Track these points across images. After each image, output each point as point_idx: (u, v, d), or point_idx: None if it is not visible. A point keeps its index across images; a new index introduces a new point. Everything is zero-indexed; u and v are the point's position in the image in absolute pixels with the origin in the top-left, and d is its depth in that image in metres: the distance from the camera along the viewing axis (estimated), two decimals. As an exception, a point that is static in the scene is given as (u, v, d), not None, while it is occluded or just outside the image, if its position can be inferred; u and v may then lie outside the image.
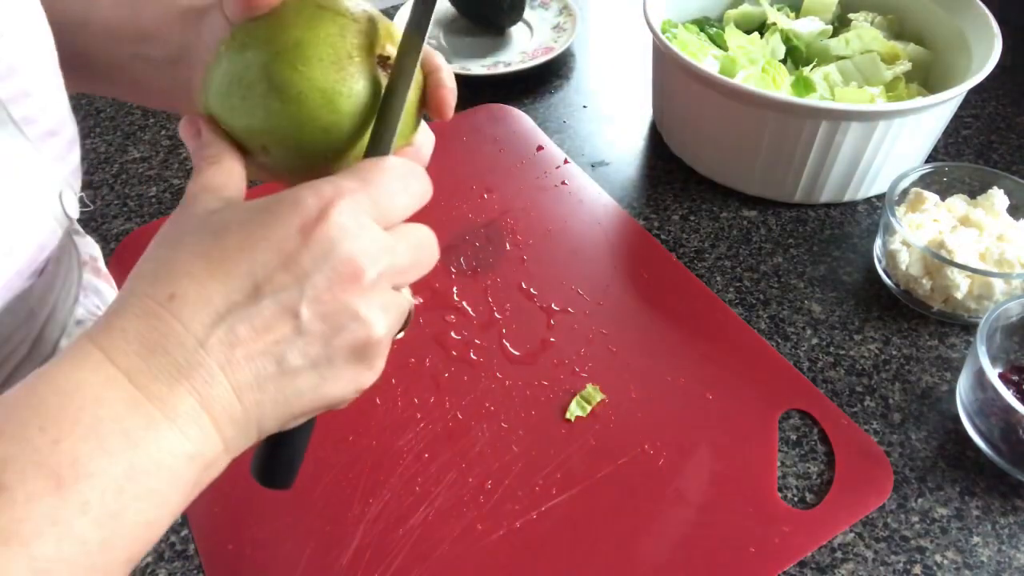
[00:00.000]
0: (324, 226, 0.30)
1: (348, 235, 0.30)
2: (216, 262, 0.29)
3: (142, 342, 0.28)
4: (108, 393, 0.27)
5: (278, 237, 0.30)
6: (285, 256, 0.30)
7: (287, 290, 0.30)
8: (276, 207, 0.30)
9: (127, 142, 0.84)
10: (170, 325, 0.28)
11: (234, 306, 0.29)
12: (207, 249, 0.30)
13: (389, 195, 0.32)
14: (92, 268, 0.51)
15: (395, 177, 0.33)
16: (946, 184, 0.70)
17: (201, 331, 0.29)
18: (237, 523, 0.52)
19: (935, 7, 0.80)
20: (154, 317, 0.29)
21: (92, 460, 0.26)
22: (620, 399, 0.59)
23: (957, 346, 0.64)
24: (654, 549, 0.50)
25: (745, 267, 0.70)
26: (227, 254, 0.30)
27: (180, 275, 0.29)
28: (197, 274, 0.29)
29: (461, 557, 0.50)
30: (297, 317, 0.30)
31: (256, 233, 0.30)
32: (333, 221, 0.30)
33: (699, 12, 0.87)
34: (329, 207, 0.30)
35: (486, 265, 0.69)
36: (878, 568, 0.51)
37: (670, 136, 0.82)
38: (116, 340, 0.28)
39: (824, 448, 0.56)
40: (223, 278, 0.29)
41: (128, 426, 0.27)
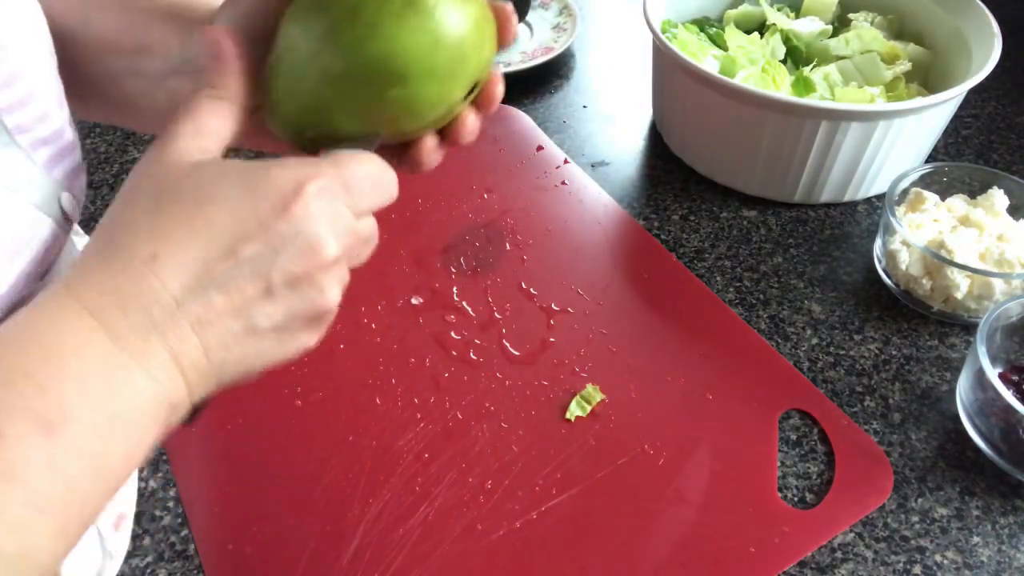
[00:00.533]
0: (300, 204, 0.32)
1: (320, 215, 0.33)
2: (200, 228, 0.31)
3: (120, 296, 0.30)
4: (88, 345, 0.29)
5: (259, 210, 0.32)
6: (263, 228, 0.32)
7: (261, 258, 0.32)
8: (259, 182, 0.32)
9: (127, 142, 0.84)
10: (149, 283, 0.30)
11: (211, 270, 0.31)
12: (191, 214, 0.32)
13: (360, 189, 0.35)
14: None
15: (369, 174, 0.35)
16: (946, 184, 0.70)
17: (179, 292, 0.31)
18: (237, 523, 0.52)
19: (935, 7, 0.80)
20: (135, 274, 0.30)
21: (77, 406, 0.28)
22: (620, 399, 0.59)
23: (957, 346, 0.64)
24: (654, 549, 0.51)
25: (745, 267, 0.70)
26: (210, 220, 0.31)
27: (162, 236, 0.31)
28: (179, 237, 0.31)
29: (461, 557, 0.50)
30: (268, 283, 0.32)
31: (240, 202, 0.32)
32: (309, 200, 0.32)
33: (699, 12, 0.87)
34: (305, 186, 0.32)
35: (486, 265, 0.69)
36: (878, 568, 0.51)
37: (670, 136, 0.82)
38: (94, 293, 0.30)
39: (824, 448, 0.56)
40: (204, 243, 0.31)
41: (108, 375, 0.29)
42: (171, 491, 0.54)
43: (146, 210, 0.32)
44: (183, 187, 0.32)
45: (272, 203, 0.32)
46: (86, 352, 0.29)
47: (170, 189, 0.32)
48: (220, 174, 0.33)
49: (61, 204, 0.40)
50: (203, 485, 0.54)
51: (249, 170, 0.33)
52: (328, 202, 0.33)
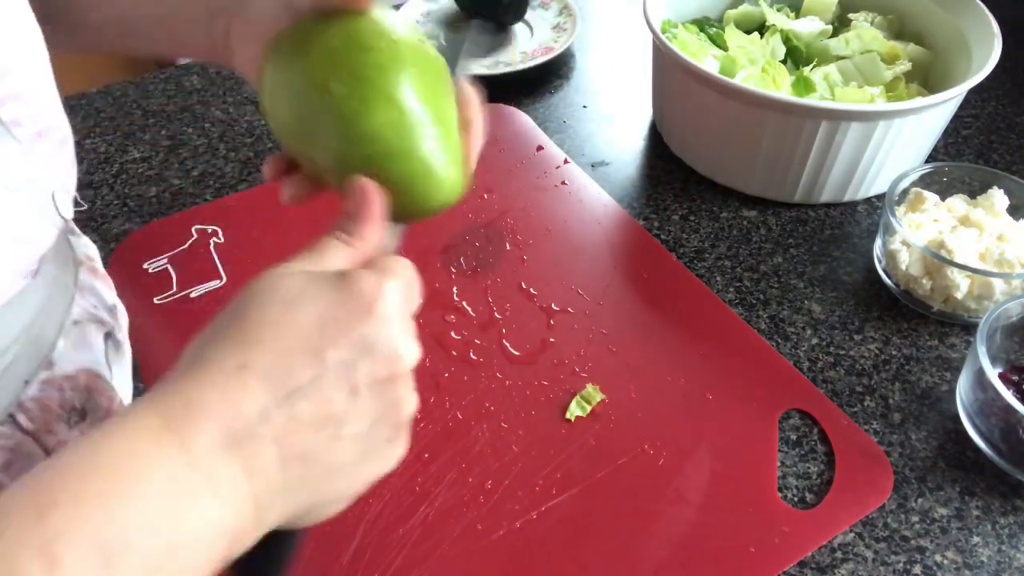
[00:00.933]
0: (383, 311, 0.32)
1: (400, 320, 0.33)
2: (285, 333, 0.31)
3: (201, 407, 0.29)
4: (161, 465, 0.28)
5: (346, 313, 0.32)
6: (351, 332, 0.31)
7: (349, 362, 0.31)
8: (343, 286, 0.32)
9: (127, 142, 0.84)
10: (237, 394, 0.29)
11: (299, 377, 0.30)
12: (277, 319, 0.31)
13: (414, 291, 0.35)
14: (89, 268, 0.51)
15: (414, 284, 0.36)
16: (946, 184, 0.70)
17: (265, 401, 0.29)
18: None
19: (935, 7, 0.80)
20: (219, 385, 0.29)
21: (141, 536, 0.27)
22: (620, 399, 0.59)
23: (957, 346, 0.64)
24: (654, 549, 0.51)
25: (745, 267, 0.70)
26: (298, 326, 0.31)
27: (251, 343, 0.30)
28: (267, 345, 0.30)
29: (461, 557, 0.50)
30: (354, 388, 0.31)
31: (327, 309, 0.31)
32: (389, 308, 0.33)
33: (699, 12, 0.87)
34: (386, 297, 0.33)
35: (486, 265, 0.69)
36: (878, 568, 0.51)
37: (670, 136, 0.82)
38: (177, 407, 0.29)
39: (824, 448, 0.56)
40: (291, 350, 0.30)
41: (176, 501, 0.28)
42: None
43: (235, 321, 0.31)
44: (269, 295, 0.32)
45: (357, 310, 0.32)
46: (157, 474, 0.28)
47: (256, 297, 0.32)
48: (306, 283, 0.32)
49: (54, 201, 0.40)
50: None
51: (333, 277, 0.33)
52: (401, 305, 0.34)
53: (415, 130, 0.36)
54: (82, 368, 0.45)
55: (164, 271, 0.69)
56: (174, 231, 0.72)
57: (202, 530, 0.28)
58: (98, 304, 0.49)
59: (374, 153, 0.36)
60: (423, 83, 0.37)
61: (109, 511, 0.26)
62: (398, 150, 0.36)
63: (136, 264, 0.69)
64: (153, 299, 0.66)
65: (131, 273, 0.68)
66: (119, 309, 0.54)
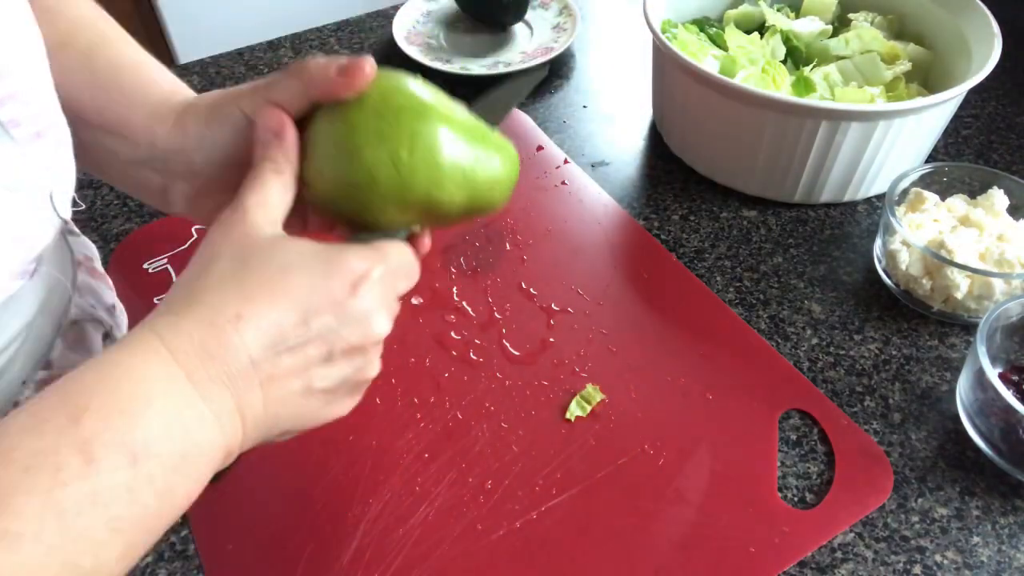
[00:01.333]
0: (368, 285, 0.38)
1: (378, 297, 0.38)
2: (279, 295, 0.36)
3: (204, 348, 0.34)
4: (173, 387, 0.33)
5: (332, 288, 0.37)
6: (334, 304, 0.37)
7: (328, 329, 0.37)
8: (334, 262, 0.37)
9: (127, 142, 0.84)
10: (232, 341, 0.34)
11: (285, 335, 0.35)
12: (274, 282, 0.36)
13: (402, 277, 0.40)
14: (87, 268, 0.51)
15: (407, 263, 0.41)
16: (946, 184, 0.70)
17: (256, 351, 0.35)
18: (237, 523, 0.52)
19: (935, 7, 0.80)
20: (219, 329, 0.34)
21: (159, 442, 0.32)
22: (620, 399, 0.59)
23: (957, 346, 0.64)
24: (654, 549, 0.51)
25: (745, 267, 0.70)
26: (289, 291, 0.36)
27: (247, 298, 0.35)
28: (262, 302, 0.35)
29: (461, 557, 0.50)
30: (330, 351, 0.37)
31: (317, 279, 0.36)
32: (374, 283, 0.38)
33: (699, 12, 0.87)
34: (371, 272, 0.38)
35: (486, 265, 0.69)
36: (878, 568, 0.51)
37: (670, 136, 0.82)
38: (182, 342, 0.34)
39: (824, 448, 0.56)
40: (282, 310, 0.35)
41: (186, 417, 0.33)
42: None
43: (232, 272, 0.36)
44: (267, 257, 0.36)
45: (343, 283, 0.37)
46: (171, 394, 0.33)
47: (254, 256, 0.36)
48: (299, 251, 0.37)
49: (52, 201, 0.40)
50: (203, 485, 0.54)
51: (325, 250, 0.37)
52: (385, 287, 0.39)
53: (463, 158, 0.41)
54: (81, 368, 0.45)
55: (164, 271, 0.69)
56: (174, 231, 0.72)
57: (205, 444, 0.33)
58: (97, 304, 0.49)
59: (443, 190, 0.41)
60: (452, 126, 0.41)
61: (131, 420, 0.31)
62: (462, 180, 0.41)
63: (136, 264, 0.69)
64: (153, 299, 0.66)
65: (131, 273, 0.68)
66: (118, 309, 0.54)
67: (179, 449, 0.32)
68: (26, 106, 0.38)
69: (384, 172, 0.39)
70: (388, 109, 0.40)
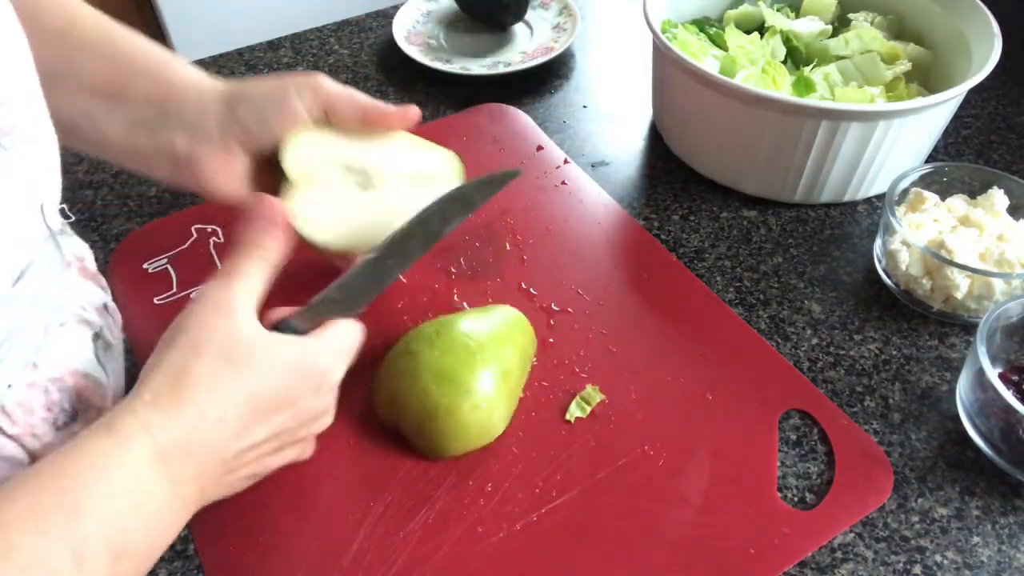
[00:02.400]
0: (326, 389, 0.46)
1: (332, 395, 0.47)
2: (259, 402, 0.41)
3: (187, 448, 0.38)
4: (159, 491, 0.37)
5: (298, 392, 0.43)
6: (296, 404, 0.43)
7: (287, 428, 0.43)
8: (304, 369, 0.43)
9: (127, 142, 0.84)
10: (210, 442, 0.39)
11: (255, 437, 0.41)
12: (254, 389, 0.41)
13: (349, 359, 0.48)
14: (79, 269, 0.50)
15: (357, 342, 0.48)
16: (946, 184, 0.70)
17: (230, 453, 0.40)
18: (238, 524, 0.52)
19: (935, 7, 0.80)
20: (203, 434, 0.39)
21: (139, 541, 0.36)
22: (620, 399, 0.59)
23: (957, 346, 0.64)
24: (654, 550, 0.51)
25: (745, 267, 0.70)
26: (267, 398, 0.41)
27: (229, 403, 0.40)
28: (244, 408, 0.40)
29: (462, 560, 0.50)
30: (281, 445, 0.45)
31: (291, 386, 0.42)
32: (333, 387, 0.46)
33: (699, 12, 0.87)
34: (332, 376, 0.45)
35: (486, 265, 0.69)
36: (878, 568, 0.51)
37: (670, 136, 0.82)
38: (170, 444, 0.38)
39: (824, 448, 0.56)
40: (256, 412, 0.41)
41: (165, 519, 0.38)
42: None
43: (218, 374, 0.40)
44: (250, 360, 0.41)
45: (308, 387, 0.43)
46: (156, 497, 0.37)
47: (239, 357, 0.40)
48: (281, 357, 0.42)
49: (43, 211, 0.40)
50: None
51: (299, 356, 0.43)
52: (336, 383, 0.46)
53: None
54: (69, 370, 0.45)
55: (164, 271, 0.69)
56: (174, 231, 0.72)
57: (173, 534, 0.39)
58: (87, 305, 0.49)
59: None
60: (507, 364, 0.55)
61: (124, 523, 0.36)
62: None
63: (136, 264, 0.69)
64: (153, 299, 0.66)
65: (131, 273, 0.68)
66: (111, 308, 0.53)
67: (154, 544, 0.37)
68: (17, 114, 0.38)
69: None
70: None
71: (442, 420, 0.52)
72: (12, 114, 0.37)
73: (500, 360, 0.54)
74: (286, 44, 0.98)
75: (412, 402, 0.52)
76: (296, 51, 0.97)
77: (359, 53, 0.97)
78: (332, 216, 0.52)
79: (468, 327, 0.55)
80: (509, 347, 0.56)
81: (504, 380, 0.54)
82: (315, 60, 0.95)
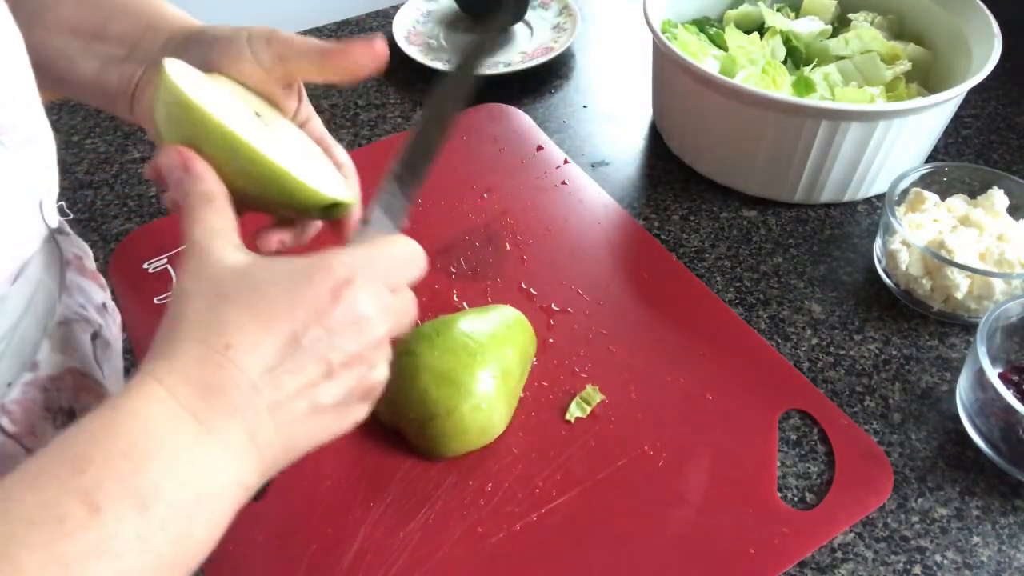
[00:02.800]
0: (351, 290, 0.36)
1: (367, 298, 0.37)
2: (264, 317, 0.34)
3: (204, 384, 0.33)
4: (179, 428, 0.32)
5: (314, 297, 0.35)
6: (320, 314, 0.35)
7: (321, 342, 0.35)
8: (311, 272, 0.36)
9: (127, 142, 0.84)
10: (228, 371, 0.33)
11: (280, 355, 0.34)
12: (254, 304, 0.35)
13: (397, 269, 0.39)
14: (77, 267, 0.50)
15: (402, 253, 0.40)
16: (946, 184, 0.70)
17: (255, 377, 0.34)
18: (238, 523, 0.52)
19: (935, 7, 0.80)
20: (214, 364, 0.33)
21: (169, 486, 0.30)
22: (620, 400, 0.59)
23: (957, 346, 0.64)
24: (654, 550, 0.51)
25: (745, 267, 0.70)
26: (273, 311, 0.35)
27: (232, 328, 0.34)
28: (248, 327, 0.34)
29: (461, 559, 0.50)
30: (328, 364, 0.36)
31: (296, 293, 0.35)
32: (357, 286, 0.36)
33: (699, 12, 0.87)
34: (354, 274, 0.36)
35: (486, 265, 0.69)
36: (878, 568, 0.51)
37: (670, 136, 0.82)
38: (181, 383, 0.33)
39: (824, 448, 0.56)
40: (271, 331, 0.34)
41: (196, 456, 0.32)
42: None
43: (211, 307, 0.35)
44: (240, 283, 0.35)
45: (326, 292, 0.35)
46: (177, 435, 0.32)
47: (228, 286, 0.35)
48: (272, 270, 0.36)
49: (41, 210, 0.40)
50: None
51: (301, 263, 0.36)
52: (372, 285, 0.37)
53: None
54: (69, 368, 0.45)
55: (164, 271, 0.69)
56: (174, 231, 0.72)
57: (219, 482, 0.32)
58: (86, 303, 0.49)
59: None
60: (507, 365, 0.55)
61: (137, 465, 0.30)
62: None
63: (136, 264, 0.69)
64: (153, 299, 0.66)
65: (131, 273, 0.68)
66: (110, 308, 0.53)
67: (191, 491, 0.31)
68: (17, 113, 0.38)
69: None
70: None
71: (442, 421, 0.52)
72: (11, 113, 0.37)
73: (500, 360, 0.54)
74: (286, 44, 0.98)
75: (412, 403, 0.52)
76: (296, 51, 0.97)
77: (359, 53, 0.97)
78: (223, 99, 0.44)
79: (468, 327, 0.55)
80: (509, 347, 0.56)
81: (504, 380, 0.54)
82: (315, 60, 0.95)
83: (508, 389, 0.54)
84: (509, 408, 0.55)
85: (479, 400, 0.52)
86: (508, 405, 0.55)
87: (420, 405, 0.52)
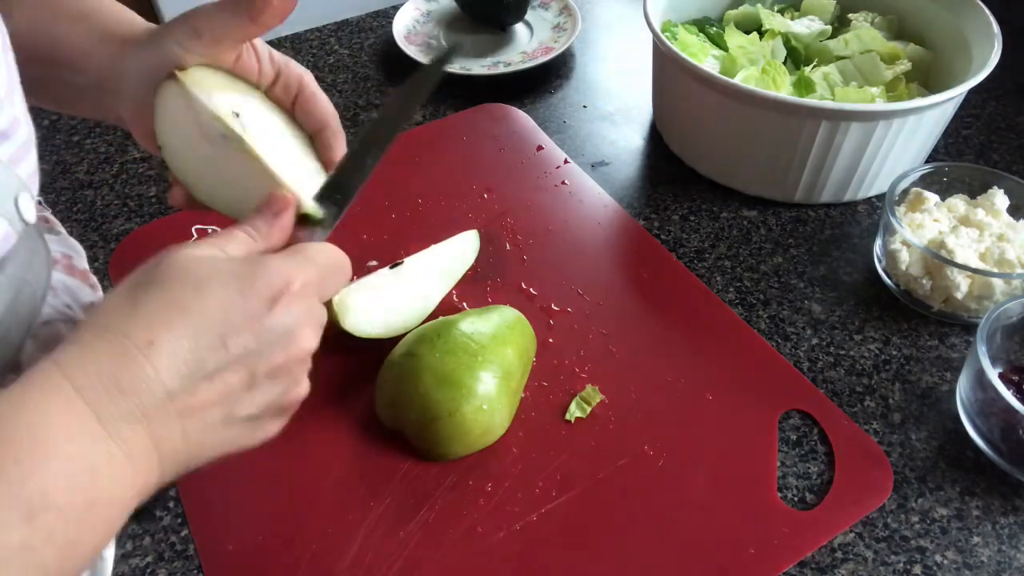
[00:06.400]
0: (285, 301, 0.35)
1: (300, 311, 0.36)
2: (194, 316, 0.33)
3: (114, 382, 0.31)
4: (78, 429, 0.30)
5: (249, 305, 0.34)
6: (252, 322, 0.34)
7: (249, 351, 0.34)
8: (250, 277, 0.35)
9: (127, 142, 0.84)
10: (144, 371, 0.31)
11: (203, 360, 0.33)
12: (186, 301, 0.33)
13: (329, 279, 0.39)
14: (65, 267, 0.49)
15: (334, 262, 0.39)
16: (946, 184, 0.70)
17: (171, 382, 0.32)
18: (237, 524, 0.52)
19: (935, 7, 0.80)
20: (130, 360, 0.31)
21: (60, 493, 0.29)
22: (620, 399, 0.59)
23: (957, 346, 0.64)
24: (654, 550, 0.51)
25: (745, 267, 0.70)
26: (204, 311, 0.33)
27: (159, 323, 0.32)
28: (175, 325, 0.32)
29: (462, 560, 0.50)
30: (252, 375, 0.35)
31: (232, 298, 0.34)
32: (293, 298, 0.36)
33: (699, 12, 0.87)
34: (291, 285, 0.36)
35: (486, 265, 0.69)
36: (878, 568, 0.51)
37: (670, 136, 0.82)
38: (89, 377, 0.31)
39: (824, 448, 0.56)
40: (198, 334, 0.33)
41: (93, 463, 0.30)
42: (171, 491, 0.54)
43: (145, 294, 0.33)
44: (181, 275, 0.34)
45: (261, 298, 0.34)
46: (75, 437, 0.30)
47: (169, 275, 0.34)
48: (216, 267, 0.35)
49: (16, 204, 0.40)
50: (203, 486, 0.54)
51: (243, 264, 0.35)
52: (308, 298, 0.36)
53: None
54: None
55: (164, 271, 0.68)
56: (174, 231, 0.72)
57: (115, 488, 0.31)
58: (73, 303, 0.48)
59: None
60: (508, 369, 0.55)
61: (27, 471, 0.28)
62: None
63: (136, 264, 0.69)
64: (153, 300, 0.66)
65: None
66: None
67: (84, 498, 0.29)
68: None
69: None
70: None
71: (444, 423, 0.51)
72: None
73: (501, 361, 0.54)
74: (286, 44, 0.98)
75: (414, 405, 0.52)
76: (296, 51, 0.97)
77: (359, 53, 0.97)
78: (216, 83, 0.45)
79: (469, 328, 0.55)
80: (510, 348, 0.55)
81: (506, 381, 0.54)
82: (315, 60, 0.95)
83: (509, 390, 0.54)
84: (510, 409, 0.55)
85: (481, 401, 0.52)
86: (509, 406, 0.55)
87: (422, 407, 0.52)
